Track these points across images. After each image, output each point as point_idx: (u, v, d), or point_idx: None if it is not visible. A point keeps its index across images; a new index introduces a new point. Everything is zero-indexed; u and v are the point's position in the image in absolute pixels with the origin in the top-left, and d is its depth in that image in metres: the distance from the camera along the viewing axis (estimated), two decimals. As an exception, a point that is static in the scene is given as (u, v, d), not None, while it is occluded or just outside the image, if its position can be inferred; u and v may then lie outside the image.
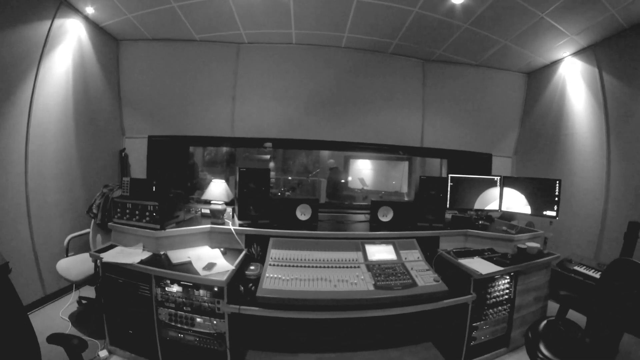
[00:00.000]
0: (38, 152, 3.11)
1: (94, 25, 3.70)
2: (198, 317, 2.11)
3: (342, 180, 6.11)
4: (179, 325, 2.14)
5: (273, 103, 4.26)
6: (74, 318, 2.88)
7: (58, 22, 3.23)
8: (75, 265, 2.86)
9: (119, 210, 2.51)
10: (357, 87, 4.38)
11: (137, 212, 2.43)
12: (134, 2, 3.33)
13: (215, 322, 2.08)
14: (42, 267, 3.13)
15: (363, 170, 6.87)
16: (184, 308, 2.13)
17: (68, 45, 3.40)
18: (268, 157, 4.65)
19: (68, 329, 2.68)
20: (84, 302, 3.09)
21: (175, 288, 2.14)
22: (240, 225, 2.65)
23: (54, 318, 2.87)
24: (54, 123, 3.29)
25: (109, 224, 2.59)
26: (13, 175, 2.94)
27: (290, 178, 5.80)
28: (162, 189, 2.51)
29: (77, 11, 3.43)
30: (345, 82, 4.36)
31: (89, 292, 3.04)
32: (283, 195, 4.26)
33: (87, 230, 3.18)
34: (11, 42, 2.85)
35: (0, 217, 2.82)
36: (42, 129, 3.15)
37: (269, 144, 4.22)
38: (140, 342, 2.26)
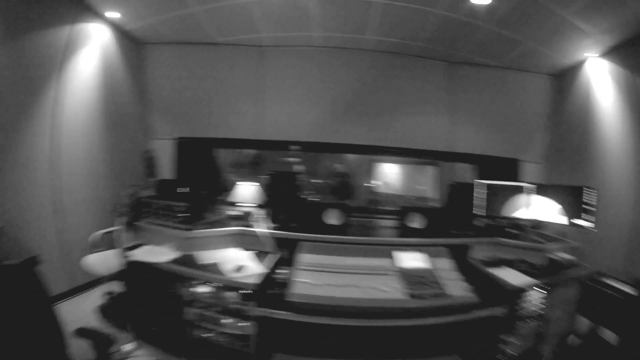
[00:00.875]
0: (67, 151, 3.22)
1: (118, 30, 3.78)
2: (225, 318, 2.13)
3: (355, 185, 6.02)
4: (205, 325, 2.17)
5: (297, 106, 4.27)
6: (100, 312, 2.94)
7: (80, 26, 3.32)
8: (103, 261, 2.91)
9: (148, 209, 2.56)
10: (381, 89, 4.35)
11: (166, 212, 2.46)
12: (156, 6, 3.38)
13: (242, 324, 2.09)
14: (69, 261, 3.22)
15: (388, 174, 6.77)
16: (211, 308, 2.15)
17: (92, 48, 3.49)
18: (295, 159, 4.60)
19: (93, 322, 2.74)
20: (110, 296, 3.16)
21: (202, 288, 2.16)
22: (269, 228, 2.66)
23: (79, 311, 2.93)
24: (81, 124, 3.40)
25: (139, 223, 2.64)
26: (43, 172, 3.06)
27: (316, 181, 5.75)
28: (191, 190, 2.54)
29: (100, 16, 3.51)
30: (369, 85, 4.33)
31: (115, 287, 3.11)
32: (308, 198, 4.19)
33: (116, 227, 3.25)
34: (35, 46, 2.94)
35: (31, 211, 2.95)
36: (70, 129, 3.26)
37: (295, 147, 4.22)
38: (165, 338, 2.30)
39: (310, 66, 4.25)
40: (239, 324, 2.11)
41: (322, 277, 2.23)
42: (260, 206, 3.03)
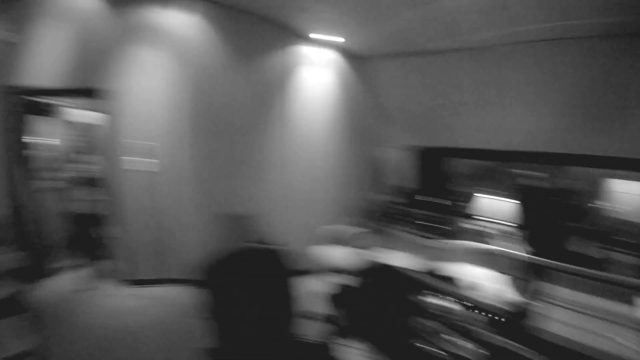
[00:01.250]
0: (302, 155, 4.08)
1: (344, 49, 4.34)
2: (449, 335, 2.11)
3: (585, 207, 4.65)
4: (425, 336, 2.18)
5: (525, 110, 3.74)
6: (330, 299, 3.53)
7: (309, 48, 4.09)
8: (338, 255, 3.54)
9: (387, 214, 2.89)
10: (617, 84, 3.26)
11: (406, 219, 2.71)
12: (373, 25, 3.63)
13: (469, 345, 2.05)
14: (304, 251, 3.79)
15: (626, 195, 5.07)
16: (439, 321, 2.16)
17: (322, 67, 4.19)
18: (540, 174, 3.97)
19: (319, 307, 3.33)
20: (342, 287, 3.77)
21: (434, 299, 2.20)
22: (518, 250, 2.46)
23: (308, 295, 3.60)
24: (316, 133, 4.18)
25: (378, 226, 3.00)
26: (287, 175, 4.02)
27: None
28: (429, 199, 2.70)
29: (324, 40, 4.13)
30: (601, 80, 3.33)
31: (345, 279, 3.70)
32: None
33: (350, 226, 3.88)
34: (268, 67, 3.87)
35: (280, 206, 3.95)
36: (303, 137, 4.10)
37: (536, 159, 3.69)
38: (382, 339, 2.47)
39: (531, 65, 3.64)
40: (467, 345, 2.07)
41: (571, 316, 1.98)
42: (510, 224, 2.79)
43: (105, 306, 3.26)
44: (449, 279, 2.29)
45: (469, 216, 2.91)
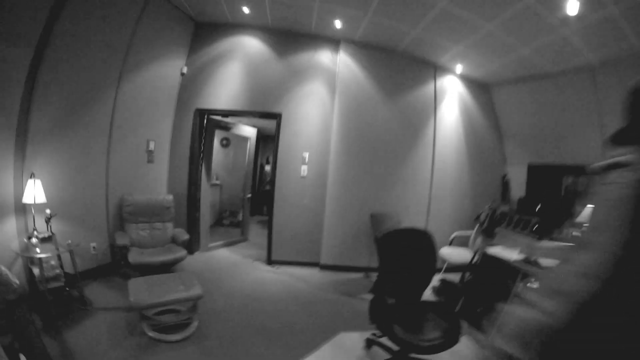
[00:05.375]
0: (440, 172, 4.73)
1: (465, 78, 4.91)
2: None
3: None
4: None
5: None
6: (435, 291, 3.94)
7: (439, 81, 4.73)
8: (455, 253, 4.07)
9: (504, 221, 3.34)
10: None
11: (520, 224, 3.13)
12: (492, 56, 4.09)
13: None
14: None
15: None
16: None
17: (451, 96, 4.81)
18: None
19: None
20: (443, 282, 4.15)
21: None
22: None
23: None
24: (451, 153, 4.81)
25: (495, 230, 3.51)
26: (422, 185, 4.66)
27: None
28: (543, 209, 3.09)
29: (450, 70, 4.78)
30: None
31: (450, 276, 4.15)
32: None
33: (470, 231, 4.38)
34: (413, 98, 4.60)
35: (412, 212, 4.56)
36: (443, 156, 4.74)
37: None
38: (484, 321, 2.85)
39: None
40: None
41: None
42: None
43: (252, 276, 4.08)
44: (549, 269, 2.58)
45: (579, 225, 3.14)
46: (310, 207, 4.57)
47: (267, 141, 8.24)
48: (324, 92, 4.54)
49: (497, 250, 3.19)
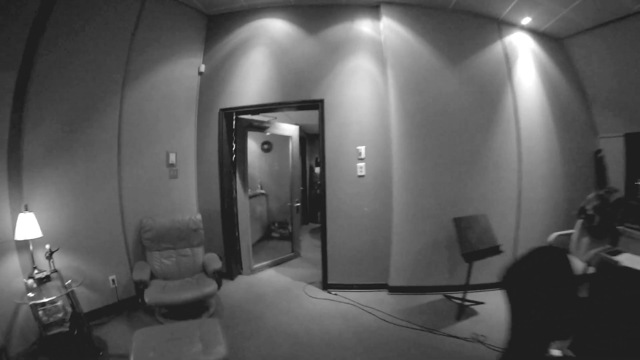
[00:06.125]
0: (527, 153, 3.51)
1: (536, 33, 3.68)
2: None
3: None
4: None
5: None
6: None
7: (506, 39, 3.54)
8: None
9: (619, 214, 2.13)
10: None
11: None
12: None
13: None
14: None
15: None
16: None
17: (524, 56, 3.60)
18: None
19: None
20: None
21: None
22: None
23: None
24: (537, 128, 3.59)
25: (609, 227, 2.44)
26: (508, 172, 3.46)
27: None
28: None
29: (515, 25, 3.57)
30: None
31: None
32: None
33: (572, 230, 3.05)
34: (480, 63, 3.45)
35: (496, 207, 3.42)
36: (529, 131, 3.53)
37: None
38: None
39: None
40: None
41: None
42: None
43: (304, 308, 3.24)
44: None
45: None
46: (373, 215, 3.56)
47: (314, 140, 7.39)
48: (371, 67, 3.52)
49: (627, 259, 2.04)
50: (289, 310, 3.19)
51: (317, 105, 3.57)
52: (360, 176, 3.54)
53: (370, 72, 3.51)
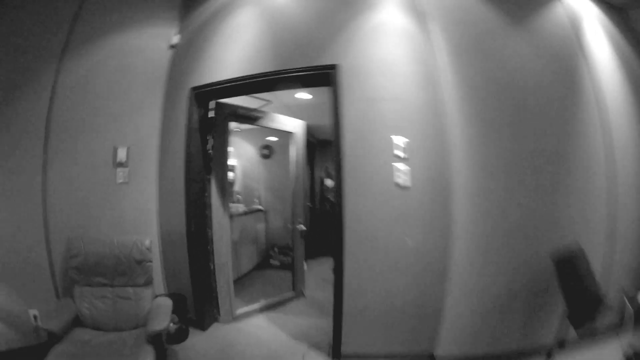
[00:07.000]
0: (620, 152, 2.47)
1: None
2: None
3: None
4: None
5: None
6: None
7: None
8: None
9: None
10: None
11: None
12: None
13: None
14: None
15: None
16: None
17: (589, 24, 2.57)
18: None
19: None
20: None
21: None
22: None
23: None
24: (622, 113, 2.55)
25: None
26: (594, 181, 2.37)
27: None
28: None
29: None
30: None
31: None
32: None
33: None
34: (544, 24, 2.43)
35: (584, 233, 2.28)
36: (618, 126, 2.49)
37: None
38: None
39: None
40: None
41: None
42: None
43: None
44: None
45: None
46: (420, 250, 2.23)
47: (326, 147, 6.15)
48: (405, 21, 2.36)
49: None
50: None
51: (327, 72, 2.36)
52: (399, 186, 2.21)
53: (405, 27, 2.33)
